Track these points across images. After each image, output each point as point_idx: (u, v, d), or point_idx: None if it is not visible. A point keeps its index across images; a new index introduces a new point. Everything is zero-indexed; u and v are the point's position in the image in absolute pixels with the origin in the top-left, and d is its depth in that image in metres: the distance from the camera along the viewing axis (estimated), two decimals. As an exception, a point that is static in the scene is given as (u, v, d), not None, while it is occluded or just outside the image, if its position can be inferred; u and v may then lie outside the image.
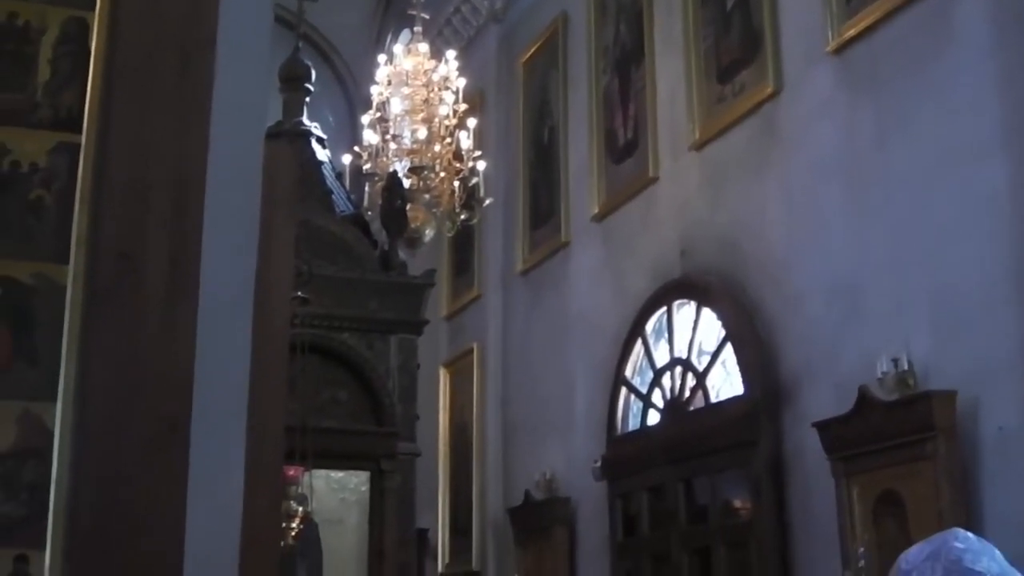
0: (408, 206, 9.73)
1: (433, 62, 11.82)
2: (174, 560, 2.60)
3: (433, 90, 11.43)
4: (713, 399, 10.18)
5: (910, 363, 7.75)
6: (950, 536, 1.22)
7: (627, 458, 11.06)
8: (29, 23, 2.79)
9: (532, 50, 14.40)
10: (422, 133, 11.02)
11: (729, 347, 9.91)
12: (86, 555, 2.55)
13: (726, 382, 10.08)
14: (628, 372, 11.48)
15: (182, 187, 2.80)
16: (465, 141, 11.08)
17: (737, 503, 9.98)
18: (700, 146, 10.68)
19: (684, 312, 10.75)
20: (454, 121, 11.20)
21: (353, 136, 14.00)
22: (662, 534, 10.55)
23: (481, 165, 11.09)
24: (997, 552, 1.76)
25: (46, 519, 2.59)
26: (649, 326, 11.23)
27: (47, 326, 2.67)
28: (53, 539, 2.58)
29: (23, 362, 2.66)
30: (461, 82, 11.67)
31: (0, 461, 2.60)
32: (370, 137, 11.20)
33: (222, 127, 2.86)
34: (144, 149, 2.79)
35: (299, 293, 6.49)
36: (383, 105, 11.34)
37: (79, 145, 2.76)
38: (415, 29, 12.38)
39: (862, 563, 7.65)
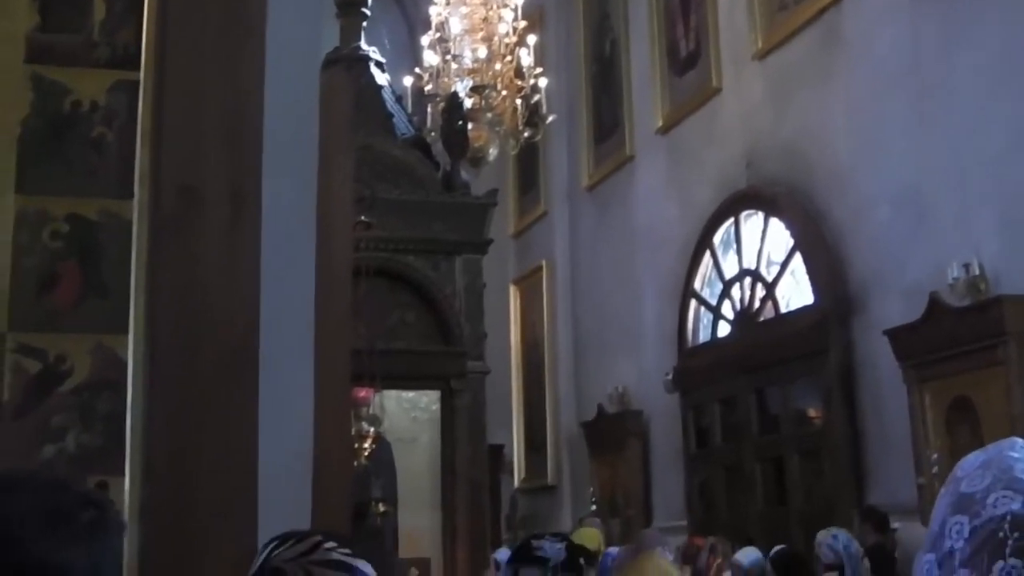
0: (470, 126, 9.71)
1: (491, -21, 11.70)
2: (248, 482, 2.67)
3: (492, 8, 11.32)
4: (783, 309, 10.16)
5: (980, 267, 7.67)
6: (1006, 445, 1.23)
7: (698, 370, 11.10)
8: (83, -37, 2.83)
9: (590, -38, 14.24)
10: (482, 52, 10.95)
11: (798, 256, 9.86)
12: (163, 480, 2.63)
13: (796, 292, 10.05)
14: (697, 284, 11.48)
15: (240, 118, 2.84)
16: (526, 58, 11.00)
17: (809, 412, 10.00)
18: (763, 55, 10.55)
19: (751, 223, 10.69)
20: (514, 39, 11.11)
21: (414, 58, 13.97)
22: (734, 444, 10.60)
23: (543, 82, 11.02)
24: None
25: (123, 447, 2.68)
26: (717, 238, 11.20)
27: (115, 260, 2.74)
28: (131, 466, 2.66)
29: (94, 296, 2.73)
30: (520, -1, 11.56)
31: (76, 393, 2.68)
32: (430, 58, 11.16)
33: (277, 56, 2.89)
34: (201, 82, 2.82)
35: (362, 217, 6.54)
36: (442, 25, 11.27)
37: (137, 82, 2.80)
38: (471, -54, 12.24)
39: (936, 470, 7.64)
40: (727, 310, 10.99)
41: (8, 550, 1.21)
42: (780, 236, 10.20)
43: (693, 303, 11.54)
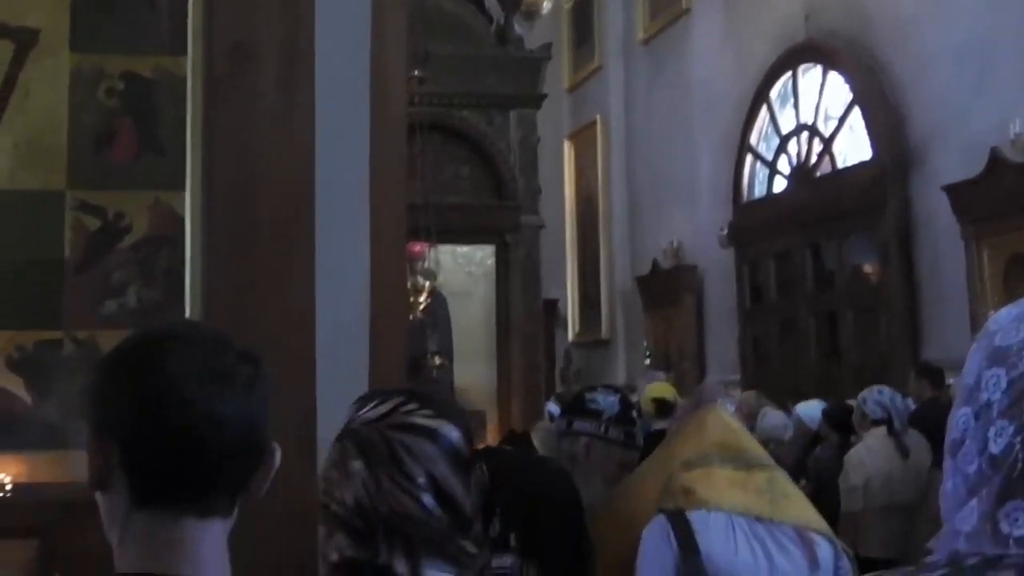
0: (524, -22, 9.55)
1: None
2: (307, 332, 2.72)
3: None
4: (840, 164, 10.06)
5: (1044, 122, 7.54)
6: (1039, 298, 1.22)
7: (754, 225, 11.05)
8: None
9: None
10: (537, -99, 10.70)
11: (856, 111, 9.72)
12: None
13: (853, 146, 9.93)
14: (753, 139, 11.36)
15: (292, -28, 2.82)
16: (581, -93, 10.77)
17: (865, 268, 9.96)
18: (826, -99, 10.27)
19: (810, 76, 10.53)
20: None
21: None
22: (789, 300, 10.60)
23: (598, -68, 10.81)
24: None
25: (183, 302, 2.72)
26: (774, 92, 11.04)
27: (170, 117, 2.75)
28: (191, 317, 2.71)
29: (150, 153, 2.75)
30: None
31: (136, 249, 2.72)
32: (484, -91, 10.94)
33: (328, -91, 2.85)
34: (252, -64, 2.80)
35: (416, 72, 6.50)
36: None
37: (187, -64, 2.77)
38: None
39: (991, 325, 7.60)
40: (783, 165, 10.89)
41: (175, 407, 1.28)
42: (839, 90, 10.04)
43: (749, 158, 11.44)
